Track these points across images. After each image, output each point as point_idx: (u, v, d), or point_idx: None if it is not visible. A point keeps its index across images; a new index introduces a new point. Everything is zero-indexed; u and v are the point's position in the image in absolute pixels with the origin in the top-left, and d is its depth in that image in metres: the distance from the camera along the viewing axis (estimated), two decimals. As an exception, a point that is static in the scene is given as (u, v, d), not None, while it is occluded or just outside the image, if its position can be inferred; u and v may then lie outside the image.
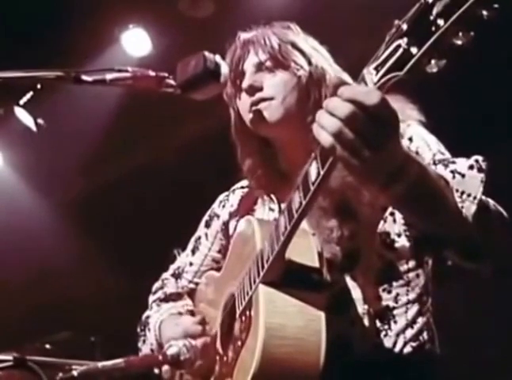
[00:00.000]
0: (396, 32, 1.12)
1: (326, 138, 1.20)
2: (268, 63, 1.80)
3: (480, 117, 4.04)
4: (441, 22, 1.05)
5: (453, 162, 1.50)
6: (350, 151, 1.19)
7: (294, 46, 1.82)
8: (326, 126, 1.20)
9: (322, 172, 1.28)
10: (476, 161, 1.44)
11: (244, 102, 1.83)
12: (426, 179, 1.31)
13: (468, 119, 4.00)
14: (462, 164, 1.46)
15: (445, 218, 1.36)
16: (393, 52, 1.12)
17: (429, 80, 1.10)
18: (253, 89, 1.79)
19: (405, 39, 1.10)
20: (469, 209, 1.37)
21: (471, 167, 1.43)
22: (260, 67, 1.81)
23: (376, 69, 1.15)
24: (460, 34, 1.04)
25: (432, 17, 1.06)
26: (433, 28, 1.06)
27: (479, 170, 1.42)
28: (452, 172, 1.44)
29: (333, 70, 1.83)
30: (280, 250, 1.50)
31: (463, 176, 1.42)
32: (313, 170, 1.32)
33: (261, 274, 1.55)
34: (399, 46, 1.11)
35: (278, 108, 1.77)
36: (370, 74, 1.16)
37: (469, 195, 1.38)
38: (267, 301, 1.52)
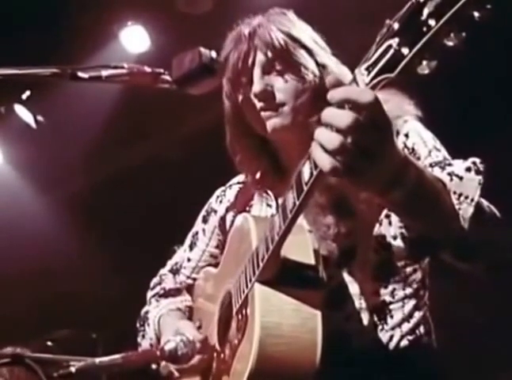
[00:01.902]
0: (387, 32, 1.11)
1: (324, 161, 1.16)
2: (277, 65, 1.76)
3: (478, 114, 4.04)
4: (432, 22, 1.03)
5: (450, 164, 1.49)
6: (351, 171, 1.16)
7: (300, 44, 1.78)
8: (325, 143, 1.16)
9: (315, 173, 1.27)
10: (474, 163, 1.43)
11: (251, 104, 1.79)
12: (423, 182, 1.30)
13: (465, 115, 4.00)
14: (459, 166, 1.45)
15: (443, 221, 1.36)
16: (384, 53, 1.10)
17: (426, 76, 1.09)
18: (264, 95, 1.75)
19: (396, 40, 1.08)
20: (466, 211, 1.36)
21: (468, 169, 1.42)
22: (268, 69, 1.77)
23: (368, 69, 1.14)
24: (452, 35, 1.03)
25: (423, 18, 1.05)
26: (425, 29, 1.04)
27: (477, 172, 1.42)
28: (450, 174, 1.43)
29: (332, 63, 1.80)
30: (275, 249, 1.50)
31: (460, 178, 1.41)
32: (306, 170, 1.31)
33: (257, 273, 1.55)
34: (390, 46, 1.09)
35: (288, 114, 1.75)
36: (362, 74, 1.14)
37: (467, 198, 1.37)
38: (263, 299, 1.52)
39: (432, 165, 1.53)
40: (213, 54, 1.63)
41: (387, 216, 1.66)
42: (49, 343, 4.45)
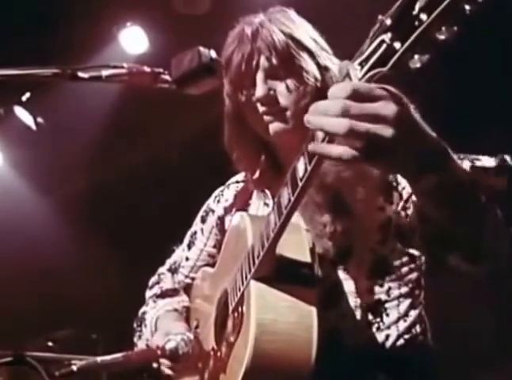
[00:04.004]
0: (380, 28, 1.11)
1: (339, 150, 1.13)
2: (280, 70, 1.74)
3: (478, 115, 4.04)
4: (423, 17, 1.03)
5: (478, 159, 1.47)
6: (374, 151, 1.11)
7: (302, 45, 1.76)
8: (332, 131, 1.13)
9: (309, 168, 1.27)
10: (502, 159, 1.43)
11: (253, 106, 1.78)
12: (456, 171, 1.24)
13: (465, 116, 4.00)
14: (488, 161, 1.44)
15: (468, 215, 1.31)
16: (377, 48, 1.10)
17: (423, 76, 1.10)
18: (267, 100, 1.74)
19: (389, 35, 1.08)
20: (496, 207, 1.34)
21: (499, 165, 1.42)
22: (271, 73, 1.75)
23: (361, 65, 1.13)
24: (443, 29, 1.03)
25: (415, 12, 1.05)
26: (417, 23, 1.04)
27: (508, 167, 1.42)
28: (482, 167, 1.42)
29: (334, 65, 1.79)
30: (270, 246, 1.50)
31: (492, 171, 1.41)
32: (300, 166, 1.31)
33: (253, 270, 1.55)
34: (382, 41, 1.09)
35: (291, 119, 1.75)
36: (355, 69, 1.14)
37: (499, 192, 1.37)
38: (258, 296, 1.52)
39: (461, 158, 1.46)
40: (213, 53, 1.63)
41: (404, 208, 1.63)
42: (50, 343, 4.46)
